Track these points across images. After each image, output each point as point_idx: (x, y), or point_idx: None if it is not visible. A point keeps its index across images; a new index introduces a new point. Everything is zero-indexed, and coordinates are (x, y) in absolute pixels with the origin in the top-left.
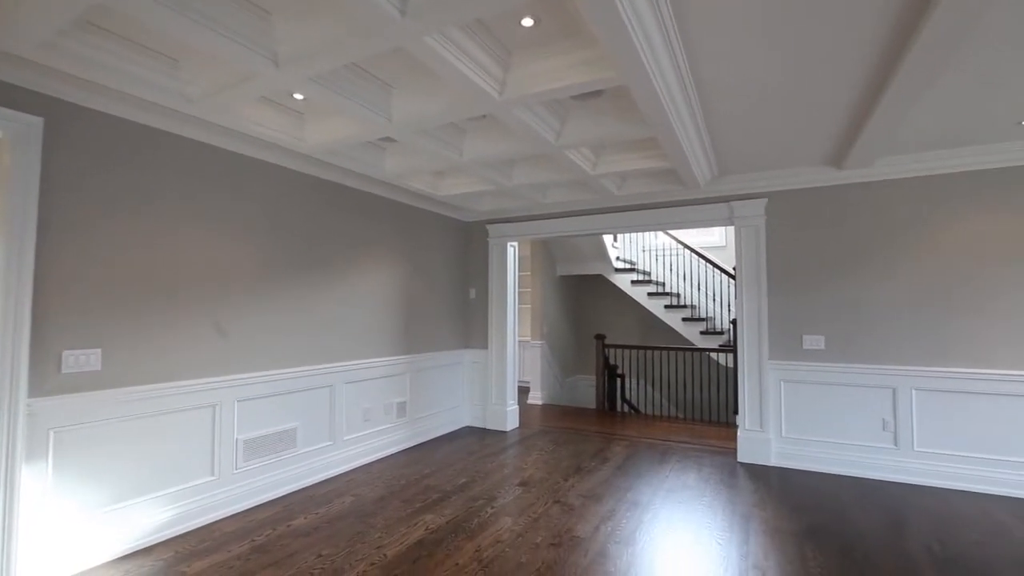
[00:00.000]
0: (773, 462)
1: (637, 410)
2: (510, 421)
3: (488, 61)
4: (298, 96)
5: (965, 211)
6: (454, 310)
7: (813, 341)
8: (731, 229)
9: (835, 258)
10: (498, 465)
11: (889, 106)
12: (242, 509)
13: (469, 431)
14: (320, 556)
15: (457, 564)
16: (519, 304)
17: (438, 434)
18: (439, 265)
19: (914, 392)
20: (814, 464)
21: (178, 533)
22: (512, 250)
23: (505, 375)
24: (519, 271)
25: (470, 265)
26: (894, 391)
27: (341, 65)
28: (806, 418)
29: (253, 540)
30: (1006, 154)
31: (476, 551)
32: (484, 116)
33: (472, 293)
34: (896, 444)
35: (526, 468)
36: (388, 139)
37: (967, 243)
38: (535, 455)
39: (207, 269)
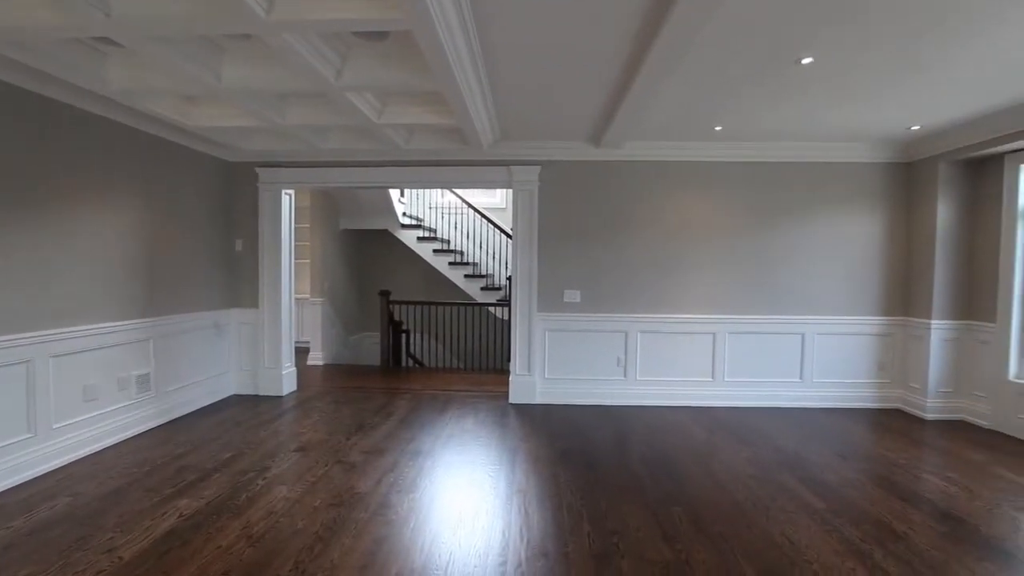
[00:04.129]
0: (538, 400)
1: (422, 364)
2: (287, 385)
3: None
4: None
5: (678, 193)
6: (216, 264)
7: (572, 295)
8: (511, 191)
9: (591, 224)
10: (272, 433)
11: (635, 97)
12: None
13: (238, 400)
14: None
15: (220, 547)
16: (296, 259)
17: (198, 407)
18: (195, 211)
19: (639, 334)
20: (569, 399)
21: None
22: (288, 199)
23: (280, 336)
24: (296, 222)
25: (236, 213)
26: (626, 334)
27: None
28: (564, 360)
29: None
30: (705, 151)
31: (244, 528)
32: (249, 36)
33: (239, 245)
34: (625, 376)
35: (304, 432)
36: (110, 42)
37: (676, 219)
38: (315, 417)
39: None
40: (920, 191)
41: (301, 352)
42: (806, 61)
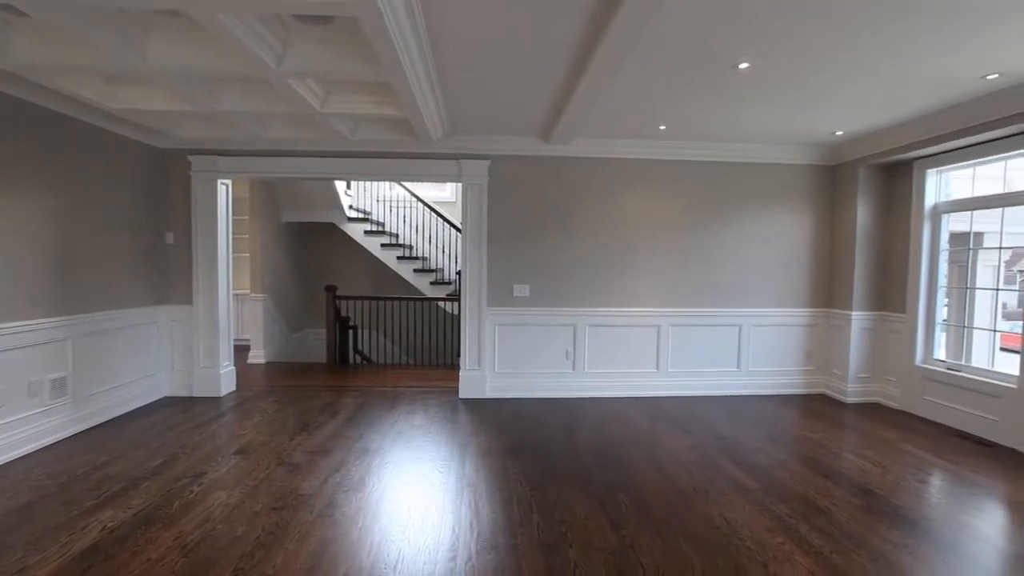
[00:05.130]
0: (488, 395)
1: (370, 360)
2: (225, 385)
3: None
4: None
5: (624, 190)
6: (144, 258)
7: (521, 289)
8: (460, 185)
9: (540, 218)
10: (209, 436)
11: (582, 93)
12: None
13: (170, 402)
14: None
15: (150, 559)
16: (235, 252)
17: (125, 411)
18: (119, 201)
19: (587, 328)
20: (519, 392)
21: None
22: (224, 189)
23: (217, 334)
24: (234, 214)
25: (166, 203)
26: (574, 328)
27: None
28: (514, 355)
29: None
30: (650, 149)
31: (178, 537)
32: (177, 13)
33: (170, 238)
34: (574, 369)
35: (244, 434)
36: (14, 10)
37: (623, 215)
38: (256, 418)
39: None
40: (842, 192)
41: (241, 350)
42: (743, 66)
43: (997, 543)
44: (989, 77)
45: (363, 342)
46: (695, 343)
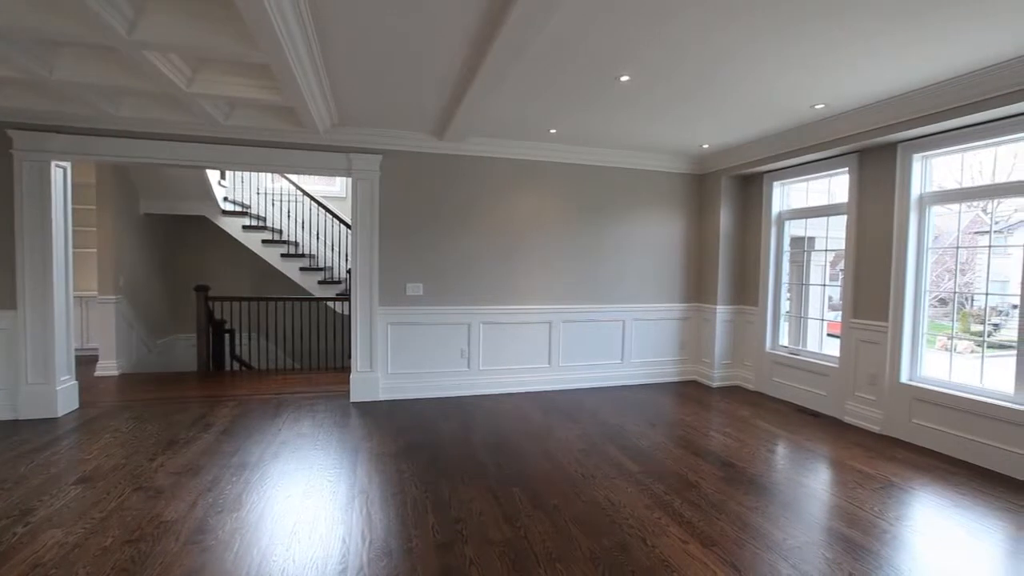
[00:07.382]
0: (382, 397)
1: (249, 366)
2: (64, 403)
3: None
4: None
5: (516, 190)
6: None
7: (414, 288)
8: (350, 180)
9: (434, 216)
10: (40, 465)
11: (476, 91)
12: None
13: None
14: None
15: None
16: (78, 248)
17: None
18: None
19: (481, 326)
20: (414, 393)
21: None
22: (62, 173)
23: (52, 343)
24: (76, 203)
25: None
26: (469, 326)
27: None
28: (408, 355)
29: None
30: (541, 151)
31: None
32: None
33: None
34: (469, 367)
35: (89, 459)
36: None
37: (515, 214)
38: (105, 440)
39: None
40: (709, 199)
41: (87, 361)
42: (624, 79)
43: (823, 497)
44: (817, 107)
45: (242, 347)
46: (584, 338)
